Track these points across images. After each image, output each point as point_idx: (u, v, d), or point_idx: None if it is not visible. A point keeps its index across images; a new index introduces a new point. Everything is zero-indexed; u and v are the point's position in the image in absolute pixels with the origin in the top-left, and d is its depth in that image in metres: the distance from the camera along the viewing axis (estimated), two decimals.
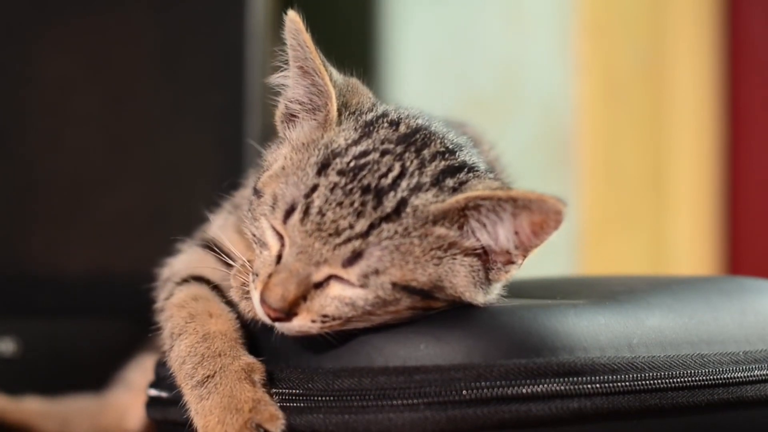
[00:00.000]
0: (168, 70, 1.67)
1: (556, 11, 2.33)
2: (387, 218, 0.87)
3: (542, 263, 2.50)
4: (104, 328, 1.48)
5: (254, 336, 0.95)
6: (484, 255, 0.90)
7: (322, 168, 0.89)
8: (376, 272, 0.87)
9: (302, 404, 0.89)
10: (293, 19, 0.95)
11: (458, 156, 0.93)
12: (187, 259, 1.05)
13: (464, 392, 0.86)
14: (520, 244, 0.89)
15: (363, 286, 0.87)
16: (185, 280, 1.01)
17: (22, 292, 1.60)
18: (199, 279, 1.01)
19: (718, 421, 0.94)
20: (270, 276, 0.88)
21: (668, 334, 0.94)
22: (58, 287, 1.61)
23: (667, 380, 0.91)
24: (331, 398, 0.89)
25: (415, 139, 0.93)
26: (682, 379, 0.91)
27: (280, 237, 0.90)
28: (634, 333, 0.92)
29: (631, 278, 1.18)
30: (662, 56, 2.36)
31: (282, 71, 0.98)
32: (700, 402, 0.92)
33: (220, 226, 1.05)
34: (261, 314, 0.89)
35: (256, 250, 0.92)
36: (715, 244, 2.44)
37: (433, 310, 0.90)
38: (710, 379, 0.93)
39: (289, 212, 0.88)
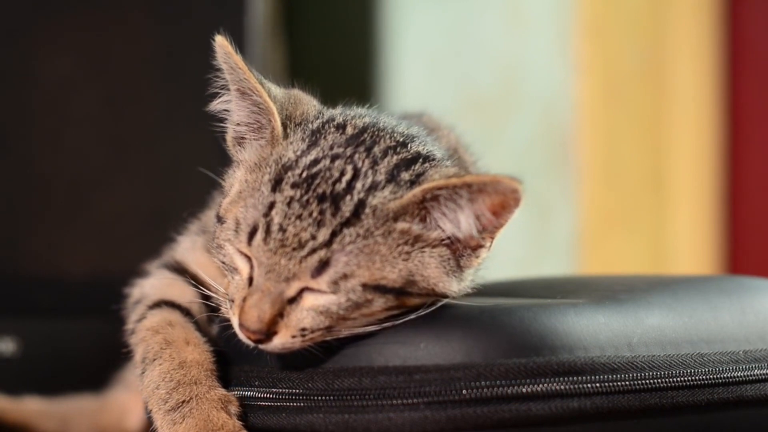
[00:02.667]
0: (168, 70, 1.67)
1: (556, 11, 2.33)
2: (347, 223, 0.87)
3: (542, 263, 2.50)
4: (104, 328, 1.48)
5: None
6: (452, 244, 0.90)
7: (276, 184, 0.89)
8: (345, 277, 0.87)
9: (302, 404, 0.89)
10: (221, 43, 0.95)
11: (410, 147, 0.93)
12: (157, 282, 1.04)
13: (464, 392, 0.86)
14: (484, 228, 0.89)
15: (334, 292, 0.87)
16: (157, 304, 1.01)
17: (22, 292, 1.60)
18: (171, 304, 1.01)
19: (718, 420, 0.94)
20: (244, 299, 0.88)
21: (668, 333, 0.94)
22: (58, 287, 1.61)
23: (666, 379, 0.91)
24: (331, 398, 0.89)
25: (364, 139, 0.93)
26: (682, 379, 0.91)
27: (249, 259, 0.89)
28: (633, 332, 0.92)
29: (630, 278, 1.18)
30: (662, 56, 2.36)
31: (221, 97, 0.98)
32: (699, 401, 0.92)
33: (187, 248, 1.05)
34: (243, 338, 0.89)
35: (228, 276, 0.92)
36: (715, 243, 2.44)
37: (410, 309, 0.89)
38: (710, 379, 0.93)
39: (252, 234, 0.88)
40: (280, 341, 0.88)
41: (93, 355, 1.19)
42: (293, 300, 0.88)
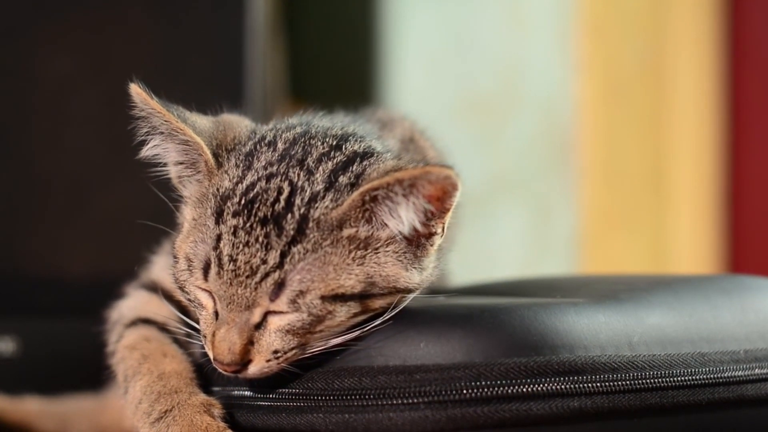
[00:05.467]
0: (168, 70, 1.67)
1: (556, 11, 2.33)
2: (293, 241, 0.86)
3: (542, 263, 2.50)
4: (104, 328, 1.48)
5: None
6: (404, 238, 0.89)
7: (219, 216, 0.89)
8: (302, 293, 0.86)
9: (302, 404, 0.89)
10: (136, 91, 0.94)
11: (345, 149, 0.92)
12: (134, 301, 1.05)
13: (465, 391, 0.86)
14: (429, 217, 0.89)
15: (295, 310, 0.87)
16: (133, 323, 1.02)
17: (22, 292, 1.60)
18: (147, 321, 1.01)
19: (719, 420, 0.94)
20: (214, 334, 0.88)
21: (669, 333, 0.94)
22: (58, 287, 1.61)
23: (667, 379, 0.91)
24: (331, 398, 0.88)
25: (295, 151, 0.92)
26: (683, 378, 0.91)
27: (210, 294, 0.89)
28: (634, 331, 0.92)
29: (631, 277, 1.18)
30: (662, 56, 2.36)
31: (149, 142, 0.96)
32: (700, 401, 0.92)
33: (162, 267, 1.05)
34: (221, 371, 0.90)
35: (197, 312, 0.92)
36: (715, 243, 2.44)
37: (379, 312, 0.89)
38: (711, 378, 0.93)
39: (206, 269, 0.88)
40: (257, 367, 0.88)
41: (93, 355, 1.19)
42: (260, 325, 0.88)
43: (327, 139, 0.93)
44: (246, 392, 0.93)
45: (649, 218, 2.37)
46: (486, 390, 0.86)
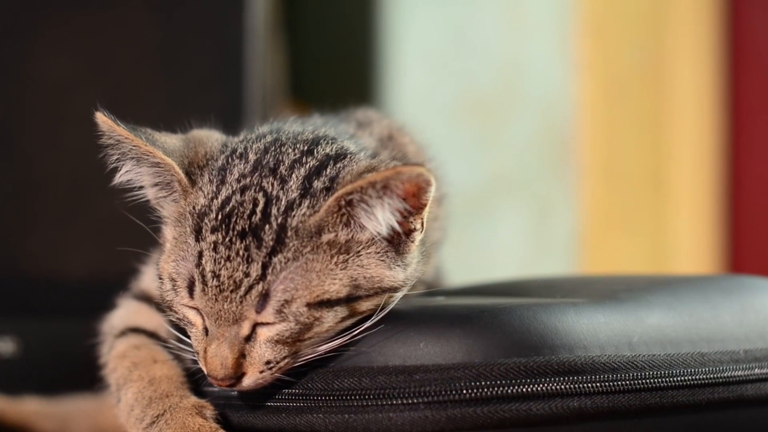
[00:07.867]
0: (168, 70, 1.67)
1: (556, 11, 2.34)
2: (274, 251, 0.86)
3: (542, 263, 2.50)
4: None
5: None
6: (383, 238, 0.89)
7: (197, 233, 0.89)
8: (287, 303, 0.86)
9: (302, 404, 0.89)
10: (102, 120, 0.94)
11: (317, 153, 0.92)
12: (124, 311, 1.05)
13: (464, 391, 0.86)
14: (406, 216, 0.88)
15: (282, 320, 0.87)
16: (123, 332, 1.02)
17: (22, 292, 1.60)
18: (137, 330, 1.02)
19: (719, 419, 0.94)
20: (205, 350, 0.89)
21: (668, 333, 0.94)
22: (58, 287, 1.61)
23: (667, 379, 0.91)
24: (331, 398, 0.89)
25: (267, 161, 0.91)
26: (682, 378, 0.91)
27: (198, 310, 0.89)
28: (634, 331, 0.92)
29: (631, 277, 1.18)
30: (662, 56, 2.37)
31: (121, 169, 0.96)
32: (700, 401, 0.92)
33: (152, 277, 1.04)
34: (216, 386, 0.90)
35: (188, 330, 0.92)
36: (715, 243, 2.44)
37: (366, 314, 0.89)
38: (710, 378, 0.93)
39: (191, 287, 0.88)
40: (252, 379, 0.88)
41: (93, 355, 1.19)
42: (249, 338, 0.88)
43: (298, 145, 0.93)
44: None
45: (649, 218, 2.37)
46: (486, 390, 0.86)
